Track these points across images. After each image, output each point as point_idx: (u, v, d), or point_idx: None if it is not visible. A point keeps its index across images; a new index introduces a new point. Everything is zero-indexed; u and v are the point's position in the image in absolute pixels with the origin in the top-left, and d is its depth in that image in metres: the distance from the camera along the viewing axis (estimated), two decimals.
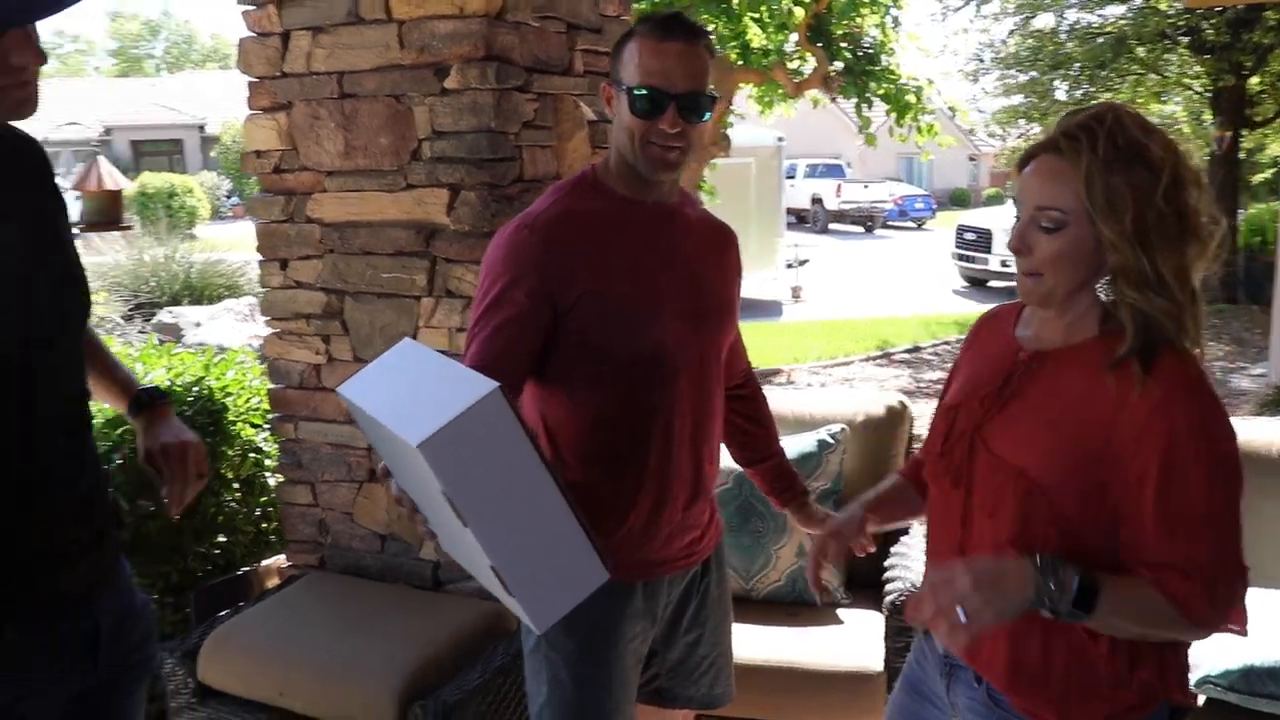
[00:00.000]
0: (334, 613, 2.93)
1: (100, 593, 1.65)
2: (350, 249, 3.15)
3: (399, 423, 1.36)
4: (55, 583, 1.57)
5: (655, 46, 1.85)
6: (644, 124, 1.87)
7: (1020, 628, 1.56)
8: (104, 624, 1.65)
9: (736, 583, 3.02)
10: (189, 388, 3.38)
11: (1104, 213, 1.44)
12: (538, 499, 1.42)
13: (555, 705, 2.01)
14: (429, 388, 1.42)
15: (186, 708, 2.82)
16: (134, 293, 9.50)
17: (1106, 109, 1.49)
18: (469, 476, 1.35)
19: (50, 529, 1.55)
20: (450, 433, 1.30)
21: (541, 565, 1.47)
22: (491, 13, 2.84)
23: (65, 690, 1.62)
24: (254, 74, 3.21)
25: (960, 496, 1.63)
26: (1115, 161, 1.44)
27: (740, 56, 7.39)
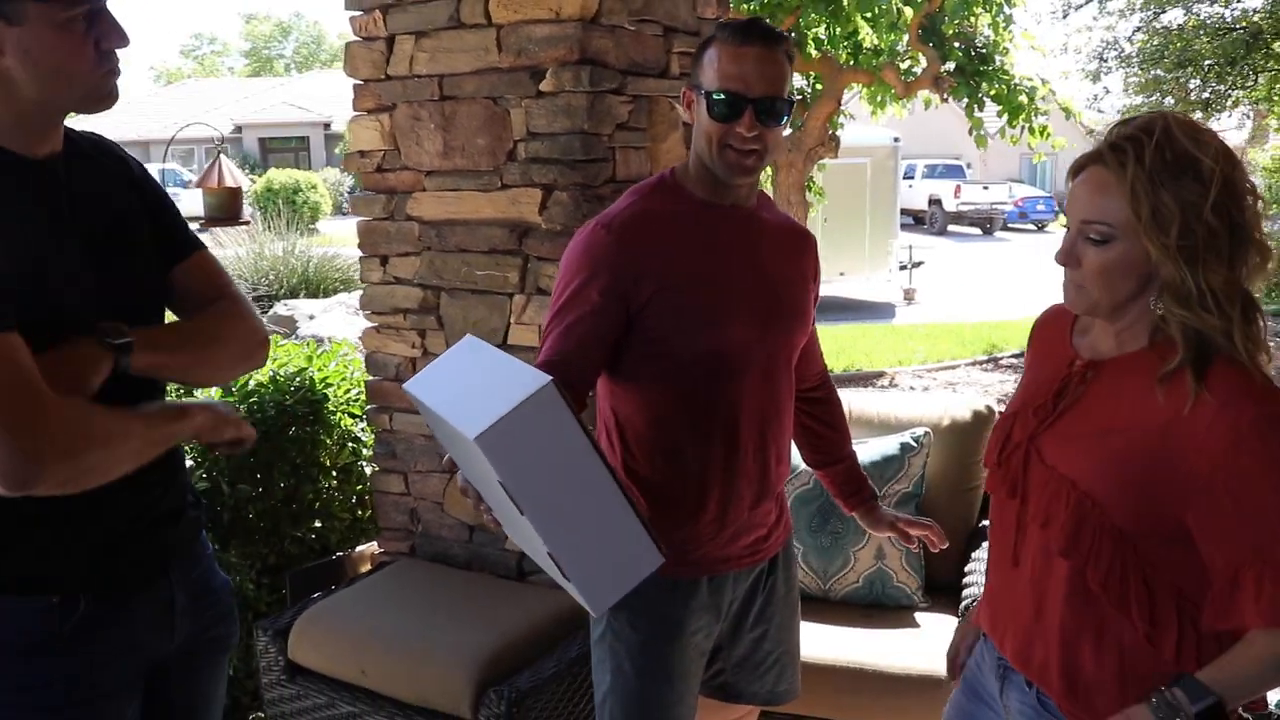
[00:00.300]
0: (419, 598, 3.02)
1: (176, 568, 1.75)
2: (447, 246, 3.24)
3: (459, 417, 1.42)
4: (130, 556, 1.67)
5: (734, 51, 1.88)
6: (721, 128, 1.90)
7: (1071, 636, 1.56)
8: (179, 597, 1.75)
9: (814, 583, 3.04)
10: (291, 378, 3.51)
11: (1149, 227, 1.42)
12: (592, 488, 1.46)
13: (618, 694, 2.06)
14: (488, 383, 1.48)
15: (277, 684, 2.94)
16: (254, 285, 9.86)
17: (1157, 118, 1.46)
18: (525, 467, 1.40)
19: (125, 506, 1.65)
20: (506, 425, 1.35)
21: (597, 551, 1.51)
22: (586, 17, 2.90)
23: (143, 659, 1.71)
24: (359, 77, 3.33)
25: (1015, 506, 1.64)
26: (1163, 174, 1.41)
27: (851, 56, 7.35)
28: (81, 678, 1.62)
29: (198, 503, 1.86)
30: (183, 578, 1.77)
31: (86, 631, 1.61)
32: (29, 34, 1.46)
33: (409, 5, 3.15)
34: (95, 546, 1.62)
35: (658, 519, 1.98)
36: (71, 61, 1.50)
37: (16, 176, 1.53)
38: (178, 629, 1.76)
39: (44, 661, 1.58)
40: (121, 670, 1.68)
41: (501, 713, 2.55)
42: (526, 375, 1.42)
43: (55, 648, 1.59)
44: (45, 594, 1.58)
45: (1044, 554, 1.58)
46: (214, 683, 1.92)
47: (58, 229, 1.56)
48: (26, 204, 1.53)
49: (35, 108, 1.53)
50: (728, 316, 1.95)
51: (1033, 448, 1.62)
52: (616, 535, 1.51)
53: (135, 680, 1.71)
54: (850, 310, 14.07)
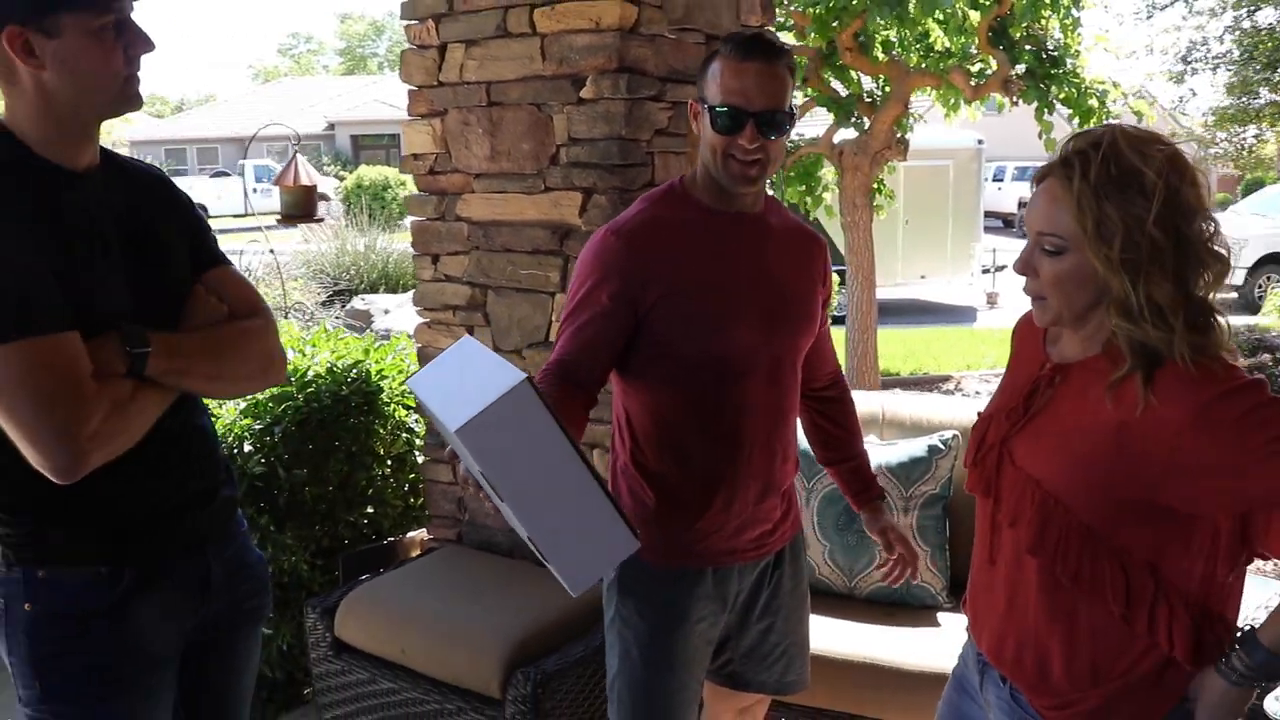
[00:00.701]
0: (460, 583, 3.16)
1: (212, 544, 1.90)
2: (493, 246, 3.37)
3: (446, 411, 1.54)
4: (169, 533, 1.82)
5: (736, 66, 1.97)
6: (725, 139, 1.99)
7: (1042, 630, 1.63)
8: (215, 571, 1.90)
9: (839, 580, 3.11)
10: (348, 370, 3.68)
11: (1093, 240, 1.46)
12: (566, 477, 1.57)
13: (625, 678, 2.17)
14: (473, 380, 1.59)
15: (324, 659, 3.10)
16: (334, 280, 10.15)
17: (1106, 132, 1.50)
18: (502, 457, 1.51)
19: (164, 487, 1.81)
20: (483, 419, 1.46)
21: (572, 536, 1.61)
22: (625, 27, 3.01)
23: (182, 626, 1.87)
24: (413, 83, 3.48)
25: (990, 506, 1.70)
26: (1107, 187, 1.45)
27: (922, 59, 7.35)
28: (126, 642, 1.78)
29: (232, 484, 2.01)
30: (218, 554, 1.92)
31: (130, 600, 1.77)
32: (65, 44, 1.61)
33: (460, 15, 3.29)
34: (136, 525, 1.78)
35: (664, 512, 2.10)
36: (104, 67, 1.65)
37: (62, 188, 1.69)
38: (214, 601, 1.91)
39: (93, 626, 1.75)
40: (162, 636, 1.84)
41: (527, 693, 2.67)
42: (505, 373, 1.53)
43: (103, 614, 1.75)
44: (93, 566, 1.74)
45: (1015, 552, 1.65)
46: (249, 650, 2.07)
47: (95, 238, 1.71)
48: (69, 214, 1.68)
49: (72, 116, 1.68)
50: (733, 321, 2.04)
51: (1005, 450, 1.68)
52: (591, 522, 1.61)
53: (175, 645, 1.87)
54: (929, 313, 13.98)
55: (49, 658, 1.74)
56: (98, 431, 1.59)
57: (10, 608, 1.75)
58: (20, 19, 1.58)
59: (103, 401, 1.61)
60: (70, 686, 1.76)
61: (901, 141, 7.37)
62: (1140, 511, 1.53)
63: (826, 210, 7.81)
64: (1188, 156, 1.52)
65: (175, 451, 1.81)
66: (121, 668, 1.78)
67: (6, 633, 1.76)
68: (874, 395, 3.59)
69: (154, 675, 1.84)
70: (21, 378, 1.54)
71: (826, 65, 7.07)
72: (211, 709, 2.02)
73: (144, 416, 1.68)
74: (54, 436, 1.55)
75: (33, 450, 1.57)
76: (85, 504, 1.71)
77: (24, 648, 1.74)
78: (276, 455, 3.36)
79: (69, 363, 1.57)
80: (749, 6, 3.49)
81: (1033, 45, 7.12)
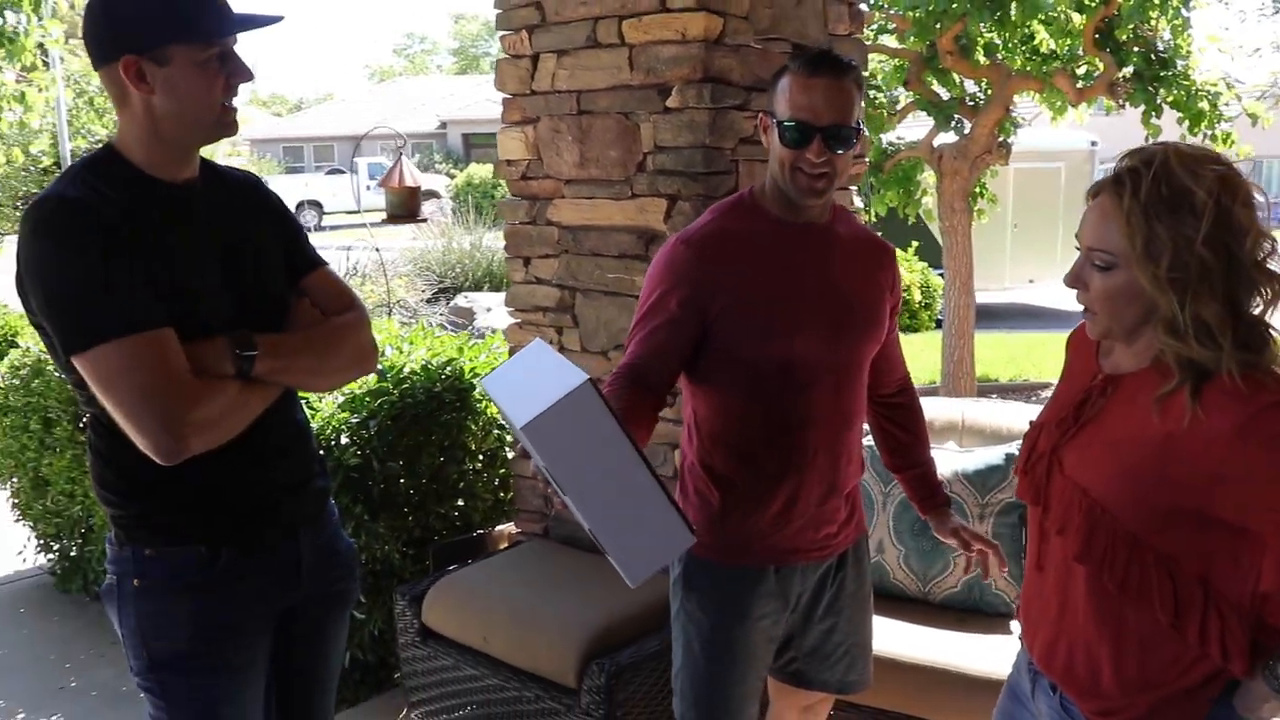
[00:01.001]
0: (542, 576, 3.27)
1: (304, 530, 2.03)
2: (582, 250, 3.47)
3: (514, 409, 1.63)
4: (264, 519, 1.96)
5: (803, 82, 2.04)
6: (792, 153, 2.06)
7: (1092, 637, 1.66)
8: (306, 556, 2.04)
9: (914, 585, 3.14)
10: (442, 367, 3.82)
11: (1141, 258, 1.49)
12: (626, 474, 1.65)
13: (687, 670, 2.25)
14: (540, 380, 1.68)
15: (411, 644, 3.24)
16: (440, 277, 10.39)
17: (1159, 150, 1.51)
18: (564, 453, 1.60)
19: (261, 477, 1.95)
20: (547, 418, 1.56)
21: (630, 530, 1.70)
22: (710, 38, 3.08)
23: (273, 607, 2.02)
24: (507, 91, 3.60)
25: (1039, 514, 1.74)
26: (1158, 206, 1.47)
27: (1026, 62, 7.26)
28: (222, 615, 1.93)
29: (325, 474, 2.15)
30: (310, 541, 2.06)
31: (227, 578, 1.92)
32: (173, 72, 1.77)
33: (552, 26, 3.41)
34: (234, 511, 1.93)
35: (729, 511, 2.17)
36: (206, 94, 1.80)
37: (163, 200, 1.84)
38: (304, 584, 2.05)
39: (194, 599, 1.90)
40: (255, 613, 1.98)
41: (602, 684, 2.77)
42: (569, 373, 1.62)
43: (202, 589, 1.91)
44: (193, 546, 1.90)
45: (1064, 559, 1.68)
46: (337, 631, 2.21)
47: (196, 245, 1.86)
48: (171, 224, 1.83)
49: (175, 138, 1.83)
50: (798, 329, 2.11)
51: (1055, 458, 1.71)
52: (648, 517, 1.69)
53: (267, 622, 2.01)
54: (1037, 318, 13.75)
55: (153, 630, 1.90)
56: (200, 422, 1.73)
57: (121, 583, 1.91)
58: (136, 49, 1.74)
59: (208, 396, 1.75)
60: (172, 658, 1.91)
61: (1003, 145, 7.30)
62: (1189, 522, 1.55)
63: (926, 214, 7.76)
64: (1242, 175, 1.54)
65: (272, 444, 1.95)
66: (217, 642, 1.93)
67: (119, 607, 1.92)
68: (956, 402, 3.61)
69: (247, 651, 1.98)
70: (124, 371, 1.69)
71: (928, 68, 7.04)
72: (301, 686, 2.16)
73: (246, 412, 1.83)
74: (155, 422, 1.70)
75: (138, 435, 1.72)
76: (188, 490, 1.86)
77: (132, 620, 1.91)
78: (372, 448, 3.51)
79: (165, 356, 1.72)
80: (837, 15, 3.54)
81: (1141, 47, 6.98)
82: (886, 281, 2.30)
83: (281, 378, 1.91)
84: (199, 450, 1.76)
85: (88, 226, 1.71)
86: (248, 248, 1.95)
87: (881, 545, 3.18)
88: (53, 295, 1.72)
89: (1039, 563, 1.77)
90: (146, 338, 1.71)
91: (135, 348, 1.70)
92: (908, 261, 13.35)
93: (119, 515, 1.90)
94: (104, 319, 1.70)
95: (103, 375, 1.71)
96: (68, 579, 4.82)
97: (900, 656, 2.83)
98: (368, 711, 3.64)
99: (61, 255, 1.71)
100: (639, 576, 1.73)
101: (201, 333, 1.80)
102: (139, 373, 1.70)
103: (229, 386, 1.80)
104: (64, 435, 4.38)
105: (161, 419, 1.70)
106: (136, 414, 1.71)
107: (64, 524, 4.63)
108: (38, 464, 4.59)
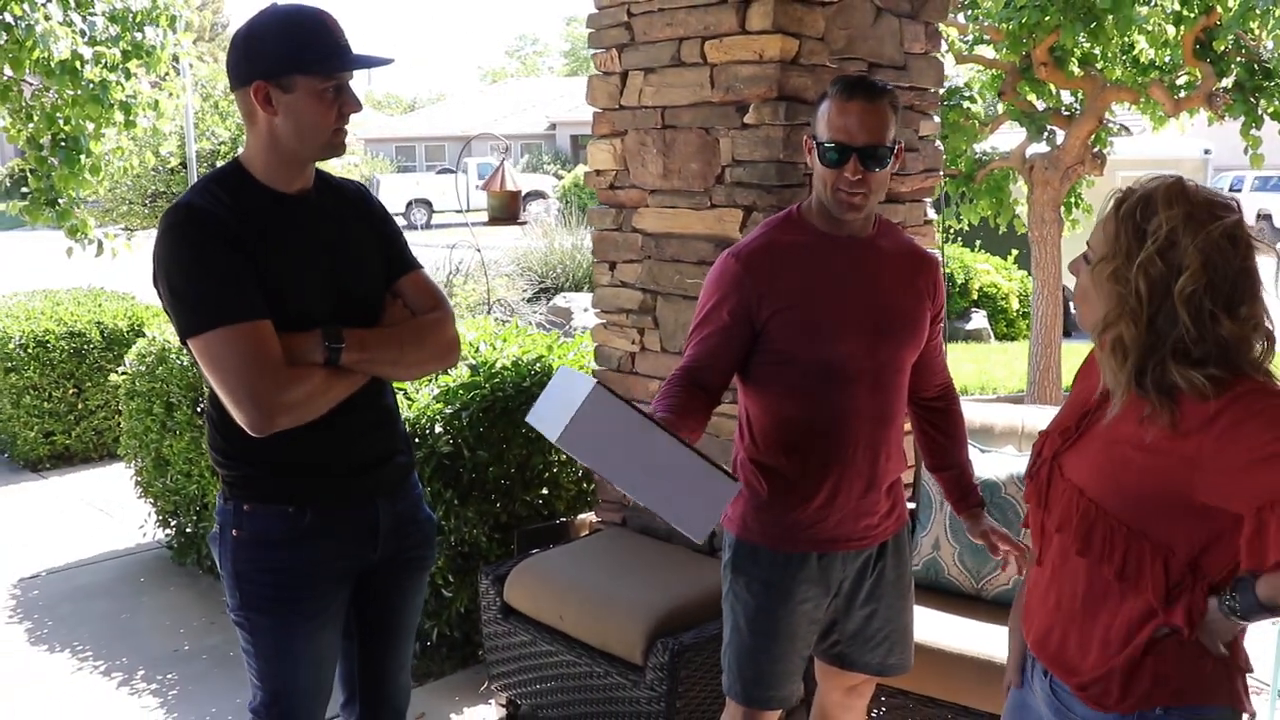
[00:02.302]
0: (618, 561, 3.49)
1: (382, 499, 2.29)
2: (663, 256, 3.69)
3: (549, 431, 1.88)
4: (344, 486, 2.23)
5: (841, 105, 2.23)
6: (832, 173, 2.25)
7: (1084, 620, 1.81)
8: (384, 522, 2.29)
9: (967, 582, 3.28)
10: (531, 363, 4.06)
11: (1098, 262, 1.67)
12: (657, 450, 1.87)
13: (733, 647, 2.45)
14: (561, 399, 1.91)
15: (494, 620, 3.49)
16: (541, 277, 10.68)
17: (1170, 179, 1.66)
18: (600, 450, 1.85)
19: (345, 449, 2.21)
20: (574, 427, 1.80)
21: (681, 495, 1.91)
22: (786, 59, 3.27)
23: (351, 566, 2.28)
24: (598, 105, 3.83)
25: (1041, 514, 1.90)
26: (1128, 222, 1.65)
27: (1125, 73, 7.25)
28: (304, 568, 2.21)
29: (409, 451, 2.41)
30: (389, 508, 2.31)
31: (309, 536, 2.20)
32: (295, 99, 2.05)
33: (640, 45, 3.62)
34: (317, 476, 2.20)
35: (775, 501, 2.37)
36: (321, 120, 2.07)
37: (277, 208, 2.12)
38: (381, 547, 2.31)
39: (280, 553, 2.19)
40: (333, 567, 2.25)
41: (665, 661, 2.98)
42: (582, 383, 1.85)
43: (287, 544, 2.19)
44: (283, 505, 2.18)
45: (1062, 554, 1.83)
46: (413, 592, 2.46)
47: (301, 248, 2.13)
48: (281, 229, 2.11)
49: (292, 155, 2.11)
50: (839, 333, 2.29)
51: (1056, 464, 1.87)
52: (691, 480, 1.90)
53: (345, 579, 2.28)
54: None
55: (245, 574, 2.20)
56: (288, 404, 2.01)
57: (224, 532, 2.23)
58: (266, 76, 2.03)
59: (296, 381, 2.02)
60: (259, 599, 2.21)
61: (1098, 156, 7.30)
62: (1178, 510, 1.68)
63: (1018, 223, 7.80)
64: (1238, 225, 1.64)
65: (359, 423, 2.21)
66: (297, 589, 2.21)
67: (220, 552, 2.24)
68: (1018, 409, 3.73)
69: (323, 600, 2.25)
70: (225, 356, 1.99)
71: (1022, 79, 7.09)
72: (377, 641, 2.42)
73: (329, 397, 2.09)
74: (249, 401, 1.99)
75: (235, 411, 2.02)
76: (281, 457, 2.15)
77: (230, 564, 2.21)
78: (463, 437, 3.76)
79: (261, 344, 1.99)
80: (913, 35, 3.68)
81: (1243, 57, 6.93)
82: (927, 290, 2.45)
83: (366, 367, 2.17)
84: (286, 427, 2.04)
85: (206, 231, 2.01)
86: (349, 251, 2.21)
87: (937, 543, 3.32)
88: (174, 288, 2.03)
89: (1039, 559, 1.93)
90: (246, 328, 1.99)
91: (236, 336, 1.98)
92: (1006, 270, 13.29)
93: (225, 474, 2.21)
94: (211, 310, 1.99)
95: (209, 358, 2.01)
96: (183, 553, 5.19)
97: (950, 648, 2.98)
98: (453, 684, 3.90)
99: (182, 254, 2.02)
100: (702, 533, 1.94)
101: (301, 325, 2.08)
102: (237, 358, 1.98)
103: (316, 374, 2.07)
104: (183, 419, 4.73)
105: (254, 399, 1.99)
106: (234, 393, 2.00)
107: (181, 501, 4.99)
108: (159, 445, 4.96)
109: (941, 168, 3.93)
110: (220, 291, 1.99)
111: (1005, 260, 13.38)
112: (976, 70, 7.65)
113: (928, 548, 3.34)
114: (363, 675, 2.43)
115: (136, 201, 11.20)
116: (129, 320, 6.88)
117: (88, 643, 4.39)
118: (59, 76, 5.66)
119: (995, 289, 12.86)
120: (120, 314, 6.91)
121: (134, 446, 5.21)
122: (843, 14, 3.42)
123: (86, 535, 5.68)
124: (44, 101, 5.97)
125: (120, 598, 4.88)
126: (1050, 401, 7.09)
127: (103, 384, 6.67)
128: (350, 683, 2.45)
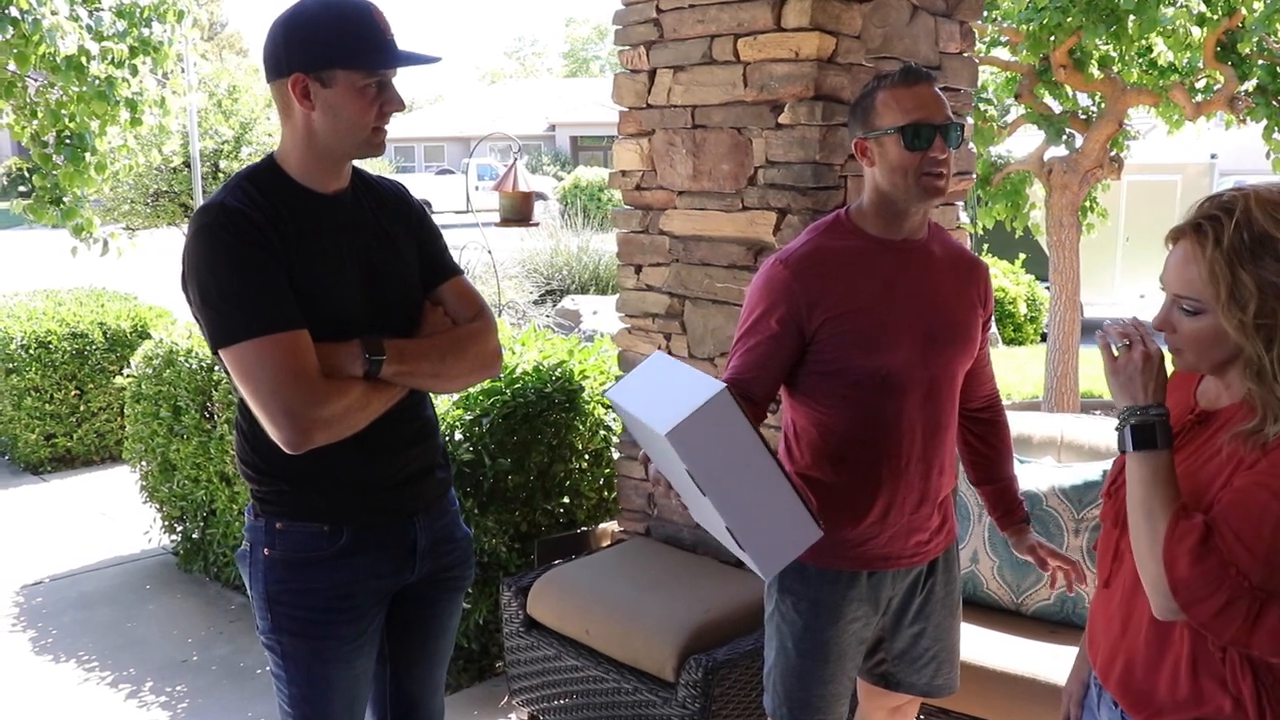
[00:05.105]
0: (644, 573, 3.39)
1: (421, 516, 2.18)
2: (692, 260, 3.59)
3: (652, 417, 1.76)
4: (381, 503, 2.11)
5: (908, 91, 2.14)
6: (916, 156, 2.13)
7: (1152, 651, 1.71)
8: (421, 539, 2.18)
9: (1007, 597, 3.19)
10: (552, 369, 3.97)
11: (1227, 305, 1.52)
12: (760, 473, 1.77)
13: (780, 668, 2.35)
14: (674, 389, 1.80)
15: (516, 634, 3.38)
16: (547, 279, 10.59)
17: (1239, 197, 1.54)
18: (706, 456, 1.73)
19: (384, 465, 2.09)
20: (690, 423, 1.68)
21: (766, 525, 1.81)
22: (822, 57, 3.17)
23: (388, 585, 2.17)
24: (624, 104, 3.73)
25: (1116, 535, 1.80)
26: (1241, 253, 1.50)
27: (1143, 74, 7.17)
28: (340, 589, 2.09)
29: (447, 466, 2.29)
30: (427, 525, 2.20)
31: (346, 555, 2.08)
32: (335, 94, 1.92)
33: (669, 42, 3.52)
34: (355, 494, 2.08)
35: (826, 518, 2.25)
36: (360, 117, 1.95)
37: (313, 209, 2.00)
38: (419, 565, 2.20)
39: (315, 572, 2.07)
40: (369, 588, 2.14)
41: (698, 679, 2.88)
42: (705, 383, 1.74)
43: (323, 563, 2.07)
44: (319, 523, 2.06)
45: (1134, 580, 1.74)
46: (449, 612, 2.35)
47: (338, 251, 2.01)
48: (317, 231, 1.99)
49: (328, 153, 1.99)
50: (891, 342, 2.19)
51: None
52: (781, 513, 1.81)
53: (381, 599, 2.16)
54: None
55: (278, 595, 2.08)
56: (324, 419, 1.89)
57: (254, 551, 2.10)
58: (305, 68, 1.91)
59: (333, 395, 1.90)
60: (292, 622, 2.08)
61: (1115, 160, 7.21)
62: None
63: (1033, 228, 7.71)
64: None
65: (398, 437, 2.10)
66: (332, 612, 2.09)
67: (250, 572, 2.11)
68: (1055, 418, 3.64)
69: (359, 623, 2.13)
70: (259, 368, 1.86)
71: (1040, 81, 7.00)
72: (412, 663, 2.31)
73: (367, 411, 1.97)
74: (283, 416, 1.87)
75: (269, 426, 1.90)
76: (316, 473, 2.02)
77: (261, 585, 2.09)
78: (484, 445, 3.66)
79: (297, 356, 1.87)
80: (948, 34, 3.59)
81: (1266, 60, 6.84)
82: (979, 296, 2.36)
83: (406, 380, 2.05)
84: (322, 443, 1.92)
85: (238, 233, 1.89)
86: (387, 254, 2.09)
87: (976, 556, 3.23)
88: (205, 294, 1.90)
89: (1107, 581, 1.82)
90: (281, 338, 1.87)
91: (270, 347, 1.86)
92: (1014, 274, 13.19)
93: (257, 490, 2.09)
94: (245, 320, 1.87)
95: (241, 370, 1.88)
96: (190, 559, 5.08)
97: (990, 665, 2.88)
98: (470, 698, 3.80)
99: (213, 259, 1.89)
100: (772, 570, 1.85)
101: (338, 332, 1.96)
102: (272, 370, 1.86)
103: (354, 388, 1.95)
104: (191, 423, 4.63)
105: (289, 414, 1.86)
106: (268, 407, 1.87)
107: (188, 507, 4.89)
108: (166, 449, 4.86)
109: (974, 170, 3.84)
110: (256, 300, 1.87)
111: (1013, 264, 13.28)
112: (991, 72, 7.56)
113: (966, 561, 3.25)
114: (395, 700, 2.32)
115: (138, 201, 11.08)
116: (132, 321, 6.77)
117: (93, 652, 4.29)
118: (65, 72, 5.55)
119: (1003, 293, 12.77)
120: (123, 314, 6.81)
121: (139, 450, 5.11)
122: (879, 11, 3.32)
123: (89, 540, 5.58)
124: (49, 98, 5.86)
125: (126, 605, 4.78)
126: (1068, 408, 7.00)
127: (105, 386, 6.57)
128: (382, 706, 2.33)
